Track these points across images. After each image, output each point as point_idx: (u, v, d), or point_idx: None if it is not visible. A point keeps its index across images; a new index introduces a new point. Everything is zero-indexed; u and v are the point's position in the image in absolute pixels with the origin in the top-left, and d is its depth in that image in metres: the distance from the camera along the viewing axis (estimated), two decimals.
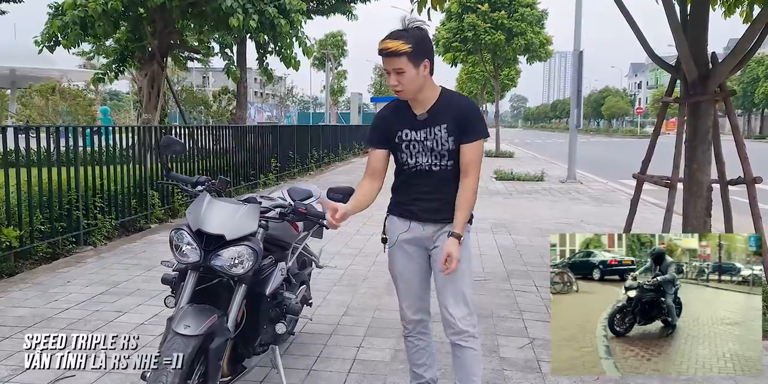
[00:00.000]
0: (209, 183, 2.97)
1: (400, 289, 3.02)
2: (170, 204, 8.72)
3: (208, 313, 2.56)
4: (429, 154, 2.78)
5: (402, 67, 2.65)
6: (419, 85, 2.72)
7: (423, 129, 2.79)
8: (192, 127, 9.33)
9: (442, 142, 2.77)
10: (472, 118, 2.77)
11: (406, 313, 3.02)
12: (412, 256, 2.93)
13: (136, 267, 5.92)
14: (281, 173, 14.12)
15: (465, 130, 2.75)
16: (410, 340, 3.08)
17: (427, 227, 2.86)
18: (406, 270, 2.95)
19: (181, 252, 2.63)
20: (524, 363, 3.80)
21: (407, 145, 2.82)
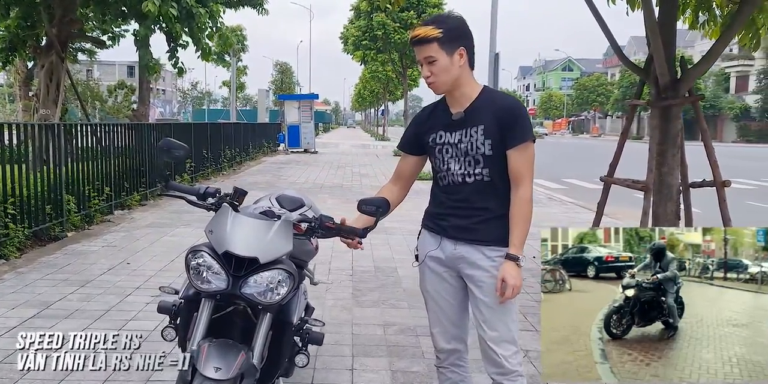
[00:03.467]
0: (223, 195, 2.54)
1: (431, 313, 2.65)
2: (87, 209, 7.92)
3: (235, 351, 2.16)
4: (462, 159, 2.44)
5: (432, 55, 2.35)
6: (454, 77, 2.40)
7: (458, 130, 2.45)
8: (100, 125, 8.52)
9: (477, 145, 2.41)
10: (516, 118, 2.39)
11: (437, 340, 2.64)
12: (443, 277, 2.55)
13: (66, 283, 5.24)
14: (195, 174, 13.36)
15: (508, 133, 2.38)
16: (443, 372, 2.68)
17: (459, 247, 2.47)
18: (436, 292, 2.58)
19: (202, 278, 2.20)
20: (529, 379, 3.61)
21: (440, 149, 2.50)
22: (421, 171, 2.68)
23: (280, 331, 2.41)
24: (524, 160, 2.41)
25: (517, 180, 2.42)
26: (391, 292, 5.24)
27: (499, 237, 2.42)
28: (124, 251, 6.53)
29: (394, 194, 2.64)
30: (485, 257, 2.43)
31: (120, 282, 5.33)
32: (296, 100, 27.28)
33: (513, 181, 2.43)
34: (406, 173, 2.66)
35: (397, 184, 2.66)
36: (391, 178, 2.68)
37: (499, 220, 2.43)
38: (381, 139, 46.05)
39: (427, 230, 2.61)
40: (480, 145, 2.41)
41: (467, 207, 2.46)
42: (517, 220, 2.41)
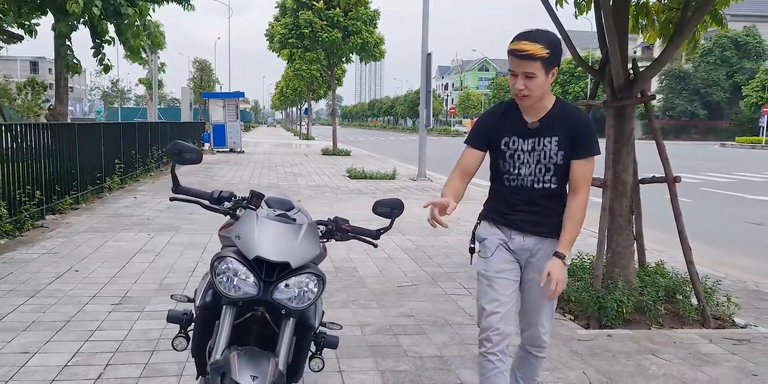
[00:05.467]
0: (240, 199, 2.46)
1: (494, 293, 2.66)
2: (17, 214, 7.46)
3: (265, 358, 2.11)
4: (534, 166, 2.62)
5: (535, 72, 2.47)
6: (543, 93, 2.56)
7: (532, 138, 2.62)
8: (23, 125, 8.03)
9: (551, 155, 2.60)
10: (587, 132, 2.61)
11: (497, 322, 2.62)
12: (510, 262, 2.71)
13: (13, 294, 4.93)
14: (125, 175, 12.83)
15: (579, 146, 2.60)
16: (491, 359, 2.63)
17: (528, 239, 2.69)
18: (506, 273, 2.69)
19: (231, 285, 2.13)
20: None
21: (512, 154, 2.65)
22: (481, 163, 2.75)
23: (301, 336, 2.37)
24: (587, 171, 2.64)
25: (577, 187, 2.63)
26: (357, 293, 5.23)
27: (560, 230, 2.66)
28: (69, 258, 6.21)
29: (461, 189, 2.72)
30: (550, 248, 2.65)
31: (73, 291, 5.06)
32: (221, 99, 26.65)
33: (573, 187, 2.64)
34: (472, 167, 2.74)
35: (464, 178, 2.73)
36: (455, 172, 2.74)
37: (559, 218, 2.66)
38: (305, 139, 45.68)
39: (493, 223, 2.75)
40: (553, 155, 2.60)
41: (535, 204, 2.67)
42: (572, 222, 2.61)
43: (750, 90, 52.86)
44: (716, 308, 4.68)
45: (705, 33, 6.05)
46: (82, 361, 3.64)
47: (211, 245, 7.01)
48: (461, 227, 8.73)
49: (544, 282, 2.53)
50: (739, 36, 57.12)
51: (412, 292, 5.37)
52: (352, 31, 23.32)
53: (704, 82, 57.68)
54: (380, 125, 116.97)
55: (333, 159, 22.98)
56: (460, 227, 8.73)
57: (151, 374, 3.49)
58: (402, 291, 5.38)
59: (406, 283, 5.63)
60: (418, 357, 3.87)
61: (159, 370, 3.54)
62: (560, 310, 4.93)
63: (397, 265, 6.30)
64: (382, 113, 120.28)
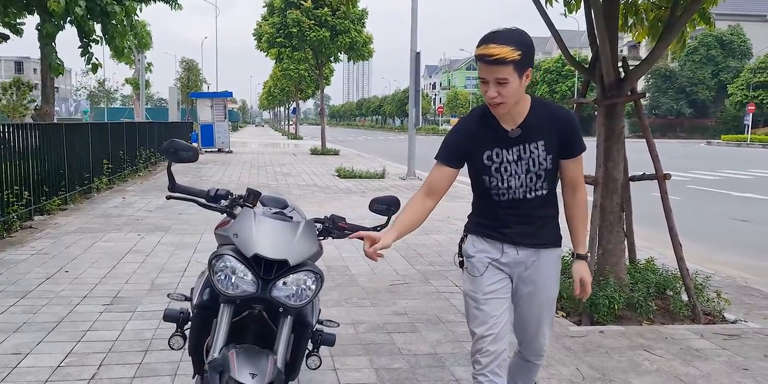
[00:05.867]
0: (236, 197, 2.46)
1: (484, 315, 2.47)
2: (5, 215, 7.40)
3: (264, 356, 2.11)
4: (524, 176, 2.42)
5: (507, 77, 2.21)
6: (518, 98, 2.33)
7: (516, 147, 2.40)
8: (10, 125, 7.94)
9: (540, 161, 2.40)
10: (573, 130, 2.43)
11: (488, 343, 2.44)
12: (498, 277, 2.51)
13: (3, 295, 4.89)
14: (113, 176, 12.75)
15: (568, 145, 2.43)
16: (481, 380, 2.46)
17: (522, 252, 2.49)
18: (495, 293, 2.48)
19: (230, 283, 2.13)
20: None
21: (498, 168, 2.42)
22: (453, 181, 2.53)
23: (299, 334, 2.37)
24: (580, 167, 2.53)
25: (574, 185, 2.53)
26: (350, 291, 5.24)
27: (553, 239, 2.57)
28: (58, 259, 6.16)
29: (426, 210, 2.48)
30: (545, 259, 2.53)
31: (63, 292, 5.03)
32: (209, 98, 26.53)
33: (569, 186, 2.53)
34: (441, 186, 2.49)
35: (430, 199, 2.49)
36: (420, 192, 2.50)
37: (553, 222, 2.56)
38: (293, 138, 45.61)
39: (481, 237, 2.53)
40: (542, 160, 2.41)
41: (528, 216, 2.49)
42: (579, 221, 2.56)
43: (735, 88, 53.36)
44: (706, 304, 4.73)
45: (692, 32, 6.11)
46: (75, 362, 3.61)
47: (202, 245, 6.99)
48: (452, 226, 8.76)
49: (578, 289, 2.54)
50: (724, 35, 57.63)
51: (404, 290, 5.38)
52: (340, 30, 23.28)
53: (690, 81, 58.17)
54: (368, 125, 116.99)
55: (322, 158, 22.96)
56: (451, 226, 8.75)
57: (145, 374, 3.47)
58: (394, 289, 5.39)
59: (399, 282, 5.64)
60: (412, 355, 3.88)
61: (153, 370, 3.53)
62: None
63: (389, 264, 6.30)
64: (370, 113, 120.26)
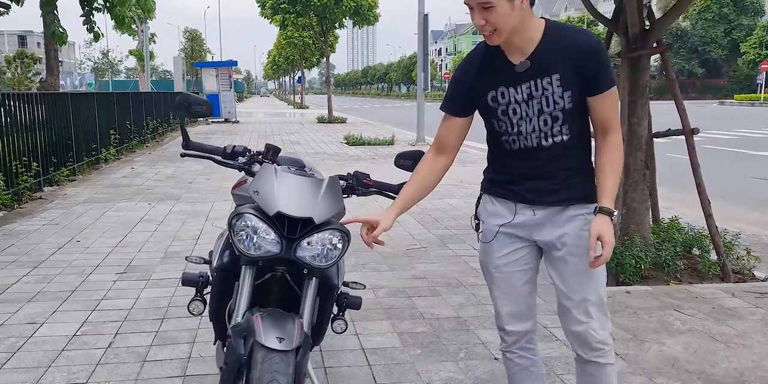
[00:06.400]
0: (255, 153, 2.31)
1: (499, 290, 2.23)
2: (15, 186, 7.30)
3: (290, 320, 1.98)
4: (536, 118, 2.02)
5: (490, 1, 1.86)
6: (515, 24, 1.91)
7: (525, 84, 1.99)
8: (17, 95, 7.78)
9: (555, 99, 1.98)
10: (599, 60, 1.96)
11: (506, 321, 2.25)
12: (516, 249, 2.17)
13: (16, 265, 4.81)
14: (120, 146, 12.63)
15: (592, 80, 1.97)
16: (510, 357, 2.31)
17: (538, 212, 2.10)
18: (508, 266, 2.18)
19: (252, 243, 1.99)
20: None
21: (505, 110, 2.05)
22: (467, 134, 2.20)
23: (324, 296, 2.24)
24: (611, 105, 2.04)
25: (605, 127, 2.04)
26: (367, 256, 5.12)
27: (583, 194, 2.09)
28: (69, 229, 6.07)
29: (438, 169, 2.18)
30: (570, 217, 2.09)
31: (76, 261, 4.94)
32: (214, 68, 26.20)
33: (600, 128, 2.05)
34: (451, 141, 2.18)
35: (441, 155, 2.19)
36: (431, 148, 2.22)
37: (581, 175, 2.09)
38: (299, 108, 45.22)
39: (494, 197, 2.19)
40: (558, 98, 1.98)
41: (546, 169, 2.08)
42: (610, 168, 2.04)
43: (748, 47, 52.34)
44: (735, 262, 4.59)
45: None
46: (90, 331, 3.53)
47: (213, 213, 6.89)
48: (465, 189, 8.62)
49: (594, 248, 1.97)
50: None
51: (422, 254, 5.27)
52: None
53: (702, 40, 57.05)
54: (374, 93, 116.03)
55: (329, 127, 22.75)
56: (465, 189, 8.61)
57: (163, 342, 3.39)
58: (412, 254, 5.28)
59: (415, 246, 5.53)
60: (435, 318, 3.78)
61: (170, 338, 3.44)
62: None
63: (404, 228, 6.19)
64: (375, 80, 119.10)
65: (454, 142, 2.20)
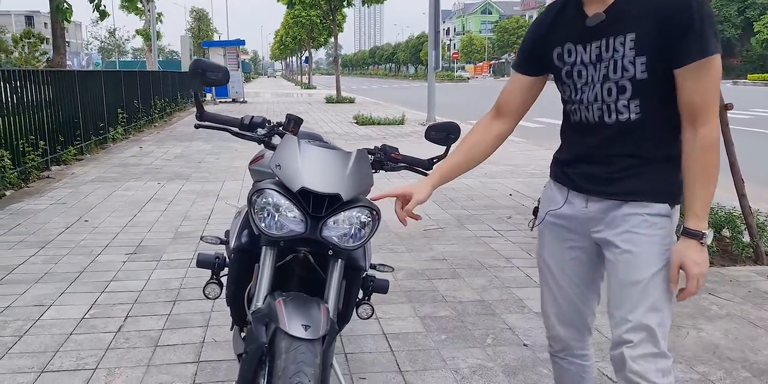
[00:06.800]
0: (275, 124, 2.13)
1: (546, 288, 1.96)
2: (22, 165, 7.16)
3: (315, 305, 1.82)
4: (599, 85, 1.65)
5: None
6: None
7: (594, 42, 1.65)
8: (23, 72, 7.59)
9: (624, 64, 1.60)
10: (688, 17, 1.53)
11: (550, 324, 1.97)
12: (567, 244, 1.85)
13: (23, 245, 4.67)
14: (128, 125, 12.46)
15: (677, 44, 1.55)
16: (557, 361, 2.04)
17: (592, 204, 1.74)
18: (556, 262, 1.89)
19: (274, 222, 1.82)
20: None
21: (569, 72, 1.72)
22: (535, 100, 1.90)
23: (350, 279, 2.08)
24: (706, 84, 1.56)
25: (694, 114, 1.58)
26: (383, 237, 4.96)
27: (649, 189, 1.67)
28: (77, 208, 5.93)
29: (493, 135, 1.90)
30: (626, 216, 1.68)
31: (84, 241, 4.80)
32: (221, 47, 25.91)
33: (686, 115, 1.59)
34: (514, 103, 1.87)
35: (499, 119, 1.90)
36: (490, 111, 1.93)
37: (651, 167, 1.67)
38: (307, 88, 44.87)
39: (553, 179, 1.88)
40: (628, 64, 1.59)
41: (603, 154, 1.71)
42: (698, 176, 1.58)
43: (761, 26, 51.41)
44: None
45: None
46: (100, 314, 3.39)
47: (224, 193, 6.74)
48: (480, 170, 8.42)
49: (675, 279, 1.60)
50: None
51: (439, 235, 5.10)
52: None
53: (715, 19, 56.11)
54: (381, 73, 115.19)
55: (338, 107, 22.49)
56: (480, 169, 8.41)
57: (175, 326, 3.24)
58: (429, 234, 5.11)
59: (432, 227, 5.36)
60: (458, 302, 3.62)
61: (183, 322, 3.30)
62: None
63: (420, 208, 5.96)
64: (383, 61, 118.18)
65: (516, 105, 1.87)
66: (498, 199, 6.51)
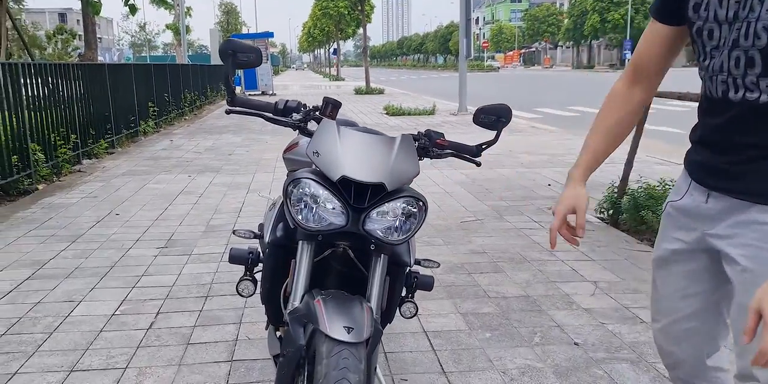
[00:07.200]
0: (311, 109, 1.98)
1: (654, 291, 1.67)
2: (55, 159, 7.15)
3: (357, 304, 1.66)
4: (727, 52, 1.33)
5: None
6: None
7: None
8: (55, 65, 7.55)
9: (756, 30, 1.26)
10: None
11: (656, 336, 1.70)
12: (681, 246, 1.55)
13: (54, 239, 4.61)
14: (159, 119, 12.46)
15: None
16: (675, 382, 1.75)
17: (713, 200, 1.43)
18: (666, 264, 1.60)
19: (312, 214, 1.67)
20: (614, 313, 3.24)
21: (700, 29, 1.39)
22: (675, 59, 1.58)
23: (393, 275, 1.92)
24: None
25: None
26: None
27: None
28: (108, 202, 5.88)
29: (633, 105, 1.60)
30: (750, 223, 1.35)
31: (115, 235, 4.73)
32: (250, 39, 25.82)
33: None
34: (652, 59, 1.55)
35: (638, 85, 1.59)
36: (624, 75, 1.62)
37: None
38: (335, 80, 44.78)
39: (684, 165, 1.56)
40: (761, 31, 1.25)
41: (725, 139, 1.39)
42: None
43: None
44: None
45: None
46: (130, 310, 3.29)
47: (255, 185, 6.64)
48: (516, 159, 8.20)
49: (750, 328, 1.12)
50: None
51: (477, 227, 4.92)
52: None
53: None
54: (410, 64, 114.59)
55: (367, 98, 22.35)
56: (515, 159, 8.20)
57: (207, 322, 3.12)
58: (466, 226, 4.93)
59: (470, 218, 5.17)
60: (501, 297, 3.44)
61: (215, 318, 3.18)
62: (648, 241, 4.44)
63: (456, 200, 5.83)
64: (411, 51, 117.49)
65: (656, 62, 1.55)
66: (536, 190, 6.28)
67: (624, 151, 8.60)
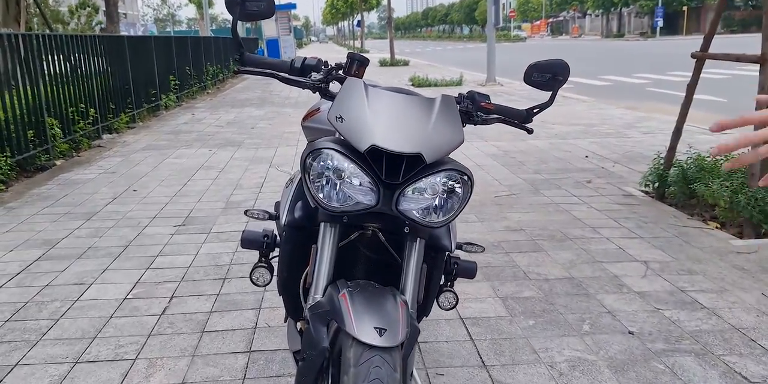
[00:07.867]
0: (332, 67, 1.69)
1: None
2: (73, 134, 6.96)
3: (389, 298, 1.39)
4: None
5: None
6: None
7: None
8: (73, 36, 7.30)
9: None
10: None
11: None
12: None
13: (68, 217, 4.41)
14: (180, 93, 12.23)
15: None
16: None
17: None
18: None
19: (335, 191, 1.38)
20: (670, 297, 2.93)
21: None
22: None
23: (432, 262, 1.64)
24: None
25: None
26: None
27: None
28: (126, 178, 5.67)
29: None
30: None
31: (131, 212, 4.52)
32: None
33: None
34: None
35: None
36: None
37: None
38: (360, 52, 44.19)
39: None
40: None
41: None
42: None
43: None
44: None
45: None
46: (143, 293, 3.07)
47: (277, 159, 6.38)
48: (550, 130, 7.81)
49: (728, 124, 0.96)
50: None
51: (513, 202, 4.60)
52: None
53: None
54: (435, 35, 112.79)
55: (392, 70, 21.89)
56: (549, 130, 7.81)
57: (224, 308, 2.89)
58: (501, 201, 4.62)
59: (504, 193, 4.86)
60: (543, 280, 3.15)
61: (233, 303, 2.94)
62: (700, 217, 4.09)
63: (488, 173, 5.51)
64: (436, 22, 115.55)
65: None
66: (573, 162, 5.93)
67: (664, 121, 8.20)
